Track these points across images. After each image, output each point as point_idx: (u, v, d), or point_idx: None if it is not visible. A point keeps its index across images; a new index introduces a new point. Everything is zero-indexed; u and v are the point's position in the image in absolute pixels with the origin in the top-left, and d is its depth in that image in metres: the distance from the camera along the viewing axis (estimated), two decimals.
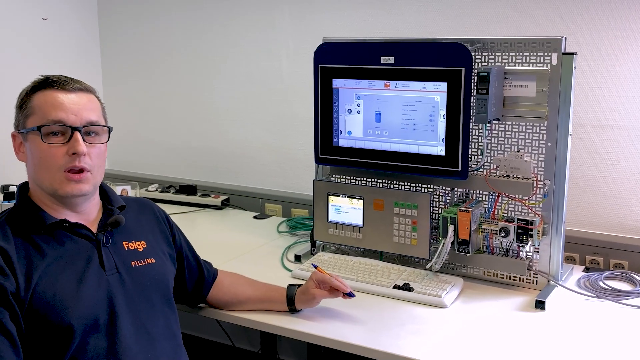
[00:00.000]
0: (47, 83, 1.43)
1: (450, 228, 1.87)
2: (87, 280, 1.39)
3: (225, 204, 2.79)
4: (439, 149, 1.89)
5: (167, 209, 2.69)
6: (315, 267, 1.76)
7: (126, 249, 1.51)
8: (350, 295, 1.68)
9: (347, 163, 2.06)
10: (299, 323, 1.69)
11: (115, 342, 1.38)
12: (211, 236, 2.46)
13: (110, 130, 1.49)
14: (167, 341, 1.49)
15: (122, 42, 3.15)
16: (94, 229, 1.47)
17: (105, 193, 1.56)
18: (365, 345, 1.58)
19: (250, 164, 2.86)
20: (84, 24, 3.14)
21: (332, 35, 2.19)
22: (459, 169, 1.86)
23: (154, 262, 1.54)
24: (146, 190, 2.89)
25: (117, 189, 2.66)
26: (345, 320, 1.70)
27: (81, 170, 1.41)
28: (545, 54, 1.78)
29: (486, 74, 1.75)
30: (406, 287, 1.83)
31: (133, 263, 1.49)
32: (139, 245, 1.54)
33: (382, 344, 1.57)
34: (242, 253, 2.23)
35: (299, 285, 1.74)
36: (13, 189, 2.50)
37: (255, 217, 2.67)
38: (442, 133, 1.87)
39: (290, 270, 2.04)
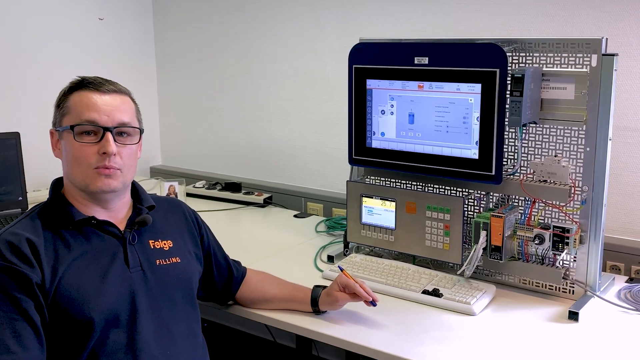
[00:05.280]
0: (82, 84, 1.48)
1: (483, 234, 1.82)
2: (110, 276, 1.43)
3: (267, 202, 2.82)
4: (473, 152, 1.84)
5: (213, 205, 2.78)
6: (342, 269, 1.75)
7: (152, 247, 1.54)
8: (372, 304, 1.67)
9: (380, 164, 2.04)
10: (323, 325, 1.69)
11: (135, 338, 1.41)
12: (251, 234, 2.49)
13: (141, 131, 1.53)
14: (187, 340, 1.51)
15: (176, 42, 3.23)
16: (122, 226, 1.51)
17: (136, 192, 1.60)
18: (387, 351, 1.56)
19: (294, 162, 2.88)
20: (138, 24, 3.23)
21: (371, 35, 2.17)
22: (493, 173, 1.81)
23: (179, 261, 1.56)
24: (193, 186, 2.95)
25: (165, 185, 2.73)
26: (369, 324, 1.69)
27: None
28: (585, 55, 1.70)
29: (520, 75, 1.70)
30: (435, 293, 1.80)
31: (157, 261, 1.52)
32: (165, 244, 1.57)
33: (403, 350, 1.55)
34: (278, 251, 2.24)
35: (325, 287, 1.74)
36: None
37: (295, 216, 2.68)
38: (476, 136, 1.82)
39: (322, 271, 2.04)
